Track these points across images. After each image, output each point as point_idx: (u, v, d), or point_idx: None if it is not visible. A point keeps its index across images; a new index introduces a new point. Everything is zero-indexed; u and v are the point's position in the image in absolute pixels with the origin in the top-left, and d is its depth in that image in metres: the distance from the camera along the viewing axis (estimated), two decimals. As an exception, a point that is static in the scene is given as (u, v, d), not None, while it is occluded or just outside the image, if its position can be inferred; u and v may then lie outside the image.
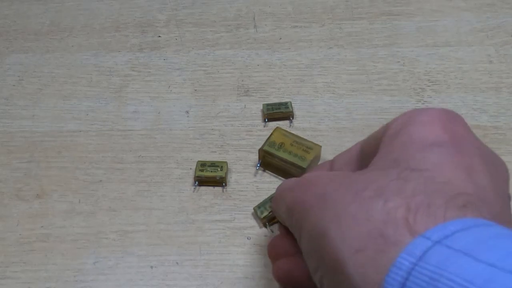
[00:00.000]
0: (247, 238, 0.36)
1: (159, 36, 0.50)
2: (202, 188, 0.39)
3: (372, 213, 0.24)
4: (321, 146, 0.39)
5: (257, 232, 0.36)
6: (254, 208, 0.37)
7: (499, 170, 0.28)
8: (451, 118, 0.28)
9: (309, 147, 0.38)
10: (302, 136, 0.40)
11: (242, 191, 0.38)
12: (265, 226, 0.36)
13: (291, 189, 0.29)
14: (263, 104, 0.43)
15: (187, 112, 0.43)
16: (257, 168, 0.39)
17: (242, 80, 0.46)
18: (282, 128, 0.40)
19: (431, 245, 0.22)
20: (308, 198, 0.27)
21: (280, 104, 0.43)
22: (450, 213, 0.23)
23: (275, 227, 0.36)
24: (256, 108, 0.44)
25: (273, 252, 0.31)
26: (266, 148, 0.39)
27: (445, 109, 0.29)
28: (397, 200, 0.24)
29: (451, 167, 0.25)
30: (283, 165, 0.38)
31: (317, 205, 0.26)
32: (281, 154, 0.38)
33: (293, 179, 0.31)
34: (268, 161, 0.38)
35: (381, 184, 0.25)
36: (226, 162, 0.39)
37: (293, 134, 0.39)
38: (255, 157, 0.40)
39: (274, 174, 0.39)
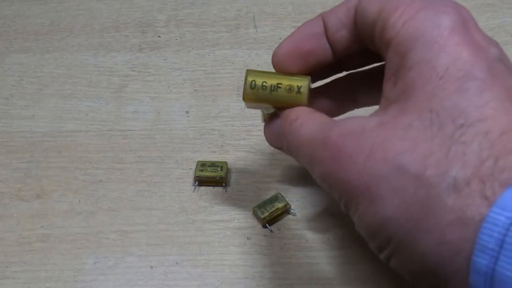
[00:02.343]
0: (247, 238, 0.36)
1: (159, 36, 0.50)
2: (202, 188, 0.39)
3: (445, 201, 0.22)
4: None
5: (257, 232, 0.36)
6: (254, 208, 0.37)
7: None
8: (463, 23, 0.25)
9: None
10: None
11: (242, 191, 0.38)
12: (265, 226, 0.36)
13: (319, 158, 0.26)
14: (263, 104, 0.43)
15: (187, 112, 0.43)
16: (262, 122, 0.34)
17: (242, 80, 0.46)
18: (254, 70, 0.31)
19: None
20: (352, 181, 0.24)
21: (280, 104, 0.42)
22: None
23: (275, 227, 0.36)
24: (256, 108, 0.44)
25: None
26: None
27: (448, 3, 0.25)
28: (466, 174, 0.22)
29: (497, 106, 0.23)
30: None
31: (371, 194, 0.24)
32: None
33: (310, 130, 0.27)
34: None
35: (439, 157, 0.22)
36: (226, 162, 0.39)
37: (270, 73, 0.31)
38: (255, 157, 0.40)
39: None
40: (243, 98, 0.31)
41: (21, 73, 0.47)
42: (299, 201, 0.38)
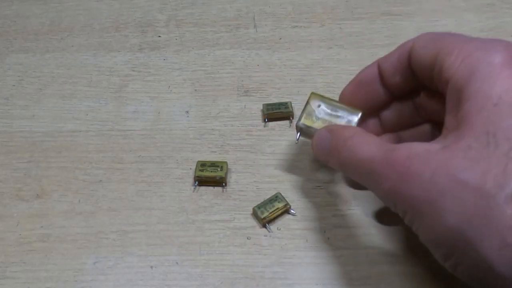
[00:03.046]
0: (247, 238, 0.36)
1: (159, 36, 0.50)
2: (202, 188, 0.39)
3: (504, 209, 0.25)
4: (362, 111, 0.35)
5: (257, 232, 0.36)
6: (254, 208, 0.37)
7: None
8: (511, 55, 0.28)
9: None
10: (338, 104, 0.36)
11: (242, 191, 0.38)
12: (265, 226, 0.36)
13: (383, 176, 0.29)
14: (263, 104, 0.43)
15: (187, 112, 0.43)
16: (297, 141, 0.37)
17: (242, 80, 0.46)
18: (318, 93, 0.37)
19: None
20: (418, 196, 0.27)
21: (280, 104, 0.43)
22: None
23: (275, 227, 0.36)
24: (256, 108, 0.44)
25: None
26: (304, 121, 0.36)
27: (499, 43, 0.28)
28: None
29: None
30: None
31: (436, 207, 0.26)
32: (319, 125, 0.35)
33: (369, 149, 0.30)
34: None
35: (497, 172, 0.25)
36: (226, 162, 0.39)
37: (329, 100, 0.36)
38: (255, 157, 0.40)
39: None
40: (311, 95, 0.36)
41: (21, 73, 0.47)
42: (299, 201, 0.38)
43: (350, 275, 0.34)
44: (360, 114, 0.35)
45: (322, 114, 0.36)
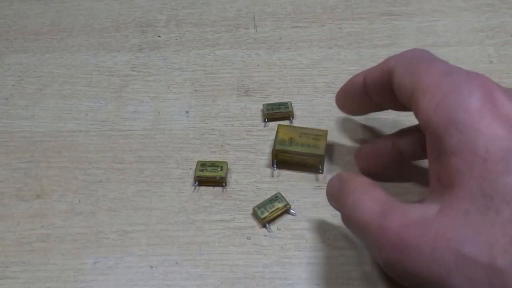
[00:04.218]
0: (247, 238, 0.36)
1: (159, 36, 0.50)
2: (202, 188, 0.39)
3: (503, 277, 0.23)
4: (327, 131, 0.39)
5: (257, 232, 0.36)
6: (254, 208, 0.37)
7: None
8: (490, 98, 0.26)
9: (318, 134, 0.39)
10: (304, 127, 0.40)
11: (242, 191, 0.38)
12: (265, 226, 0.36)
13: (379, 244, 0.27)
14: (263, 104, 0.43)
15: (187, 112, 0.43)
16: (274, 169, 0.39)
17: (242, 80, 0.46)
18: (283, 124, 0.41)
19: None
20: (423, 272, 0.25)
21: (280, 104, 0.43)
22: None
23: (275, 227, 0.36)
24: (256, 108, 0.44)
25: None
26: (278, 147, 0.38)
27: (474, 82, 0.26)
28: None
29: None
30: (299, 158, 0.38)
31: (446, 284, 0.24)
32: (295, 148, 0.38)
33: (367, 209, 0.28)
34: (282, 159, 0.39)
35: (505, 244, 0.23)
36: (226, 162, 0.39)
37: (296, 127, 0.40)
38: (255, 157, 0.40)
39: (291, 170, 0.39)
40: (278, 127, 0.40)
41: (21, 73, 0.47)
42: (299, 201, 0.38)
43: (350, 275, 0.34)
44: (325, 134, 0.39)
45: (292, 141, 0.38)
